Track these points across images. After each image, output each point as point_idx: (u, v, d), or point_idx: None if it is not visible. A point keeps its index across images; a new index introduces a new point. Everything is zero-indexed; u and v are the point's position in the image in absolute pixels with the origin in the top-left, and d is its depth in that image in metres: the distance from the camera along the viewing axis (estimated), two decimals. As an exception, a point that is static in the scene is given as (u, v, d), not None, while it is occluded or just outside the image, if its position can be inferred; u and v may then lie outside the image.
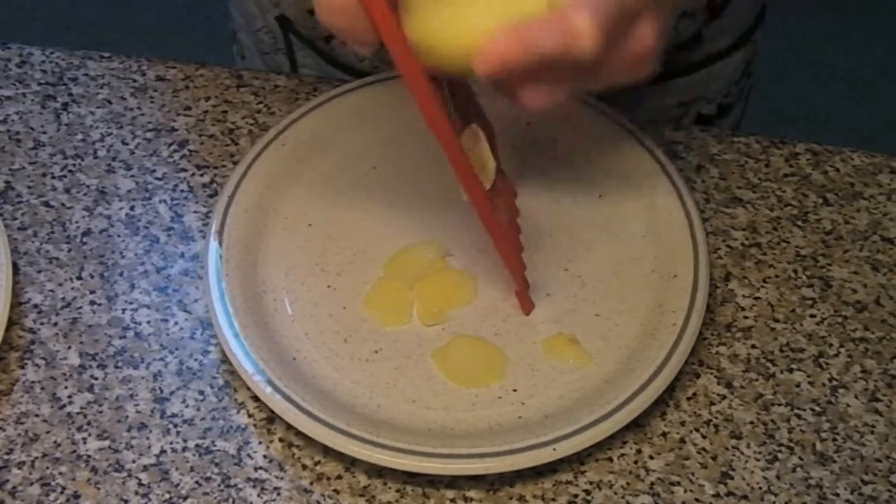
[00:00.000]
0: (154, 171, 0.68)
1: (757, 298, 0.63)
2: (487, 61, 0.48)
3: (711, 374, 0.60)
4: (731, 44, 0.79)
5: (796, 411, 0.59)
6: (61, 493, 0.55)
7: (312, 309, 0.61)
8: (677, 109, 0.80)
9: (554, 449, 0.54)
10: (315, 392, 0.57)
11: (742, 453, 0.57)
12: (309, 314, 0.61)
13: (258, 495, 0.55)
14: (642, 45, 0.51)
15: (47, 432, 0.57)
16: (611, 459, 0.57)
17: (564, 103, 0.52)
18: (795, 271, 0.64)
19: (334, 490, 0.55)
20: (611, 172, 0.66)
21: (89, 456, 0.56)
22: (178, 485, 0.55)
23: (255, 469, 0.56)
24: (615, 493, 0.55)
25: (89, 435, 0.57)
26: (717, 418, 0.58)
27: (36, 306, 0.62)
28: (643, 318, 0.60)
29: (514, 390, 0.58)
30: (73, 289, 0.63)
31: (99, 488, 0.55)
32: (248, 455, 0.57)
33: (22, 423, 0.57)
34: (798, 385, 0.60)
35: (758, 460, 0.57)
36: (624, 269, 0.63)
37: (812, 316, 0.63)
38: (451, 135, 0.53)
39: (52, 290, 0.63)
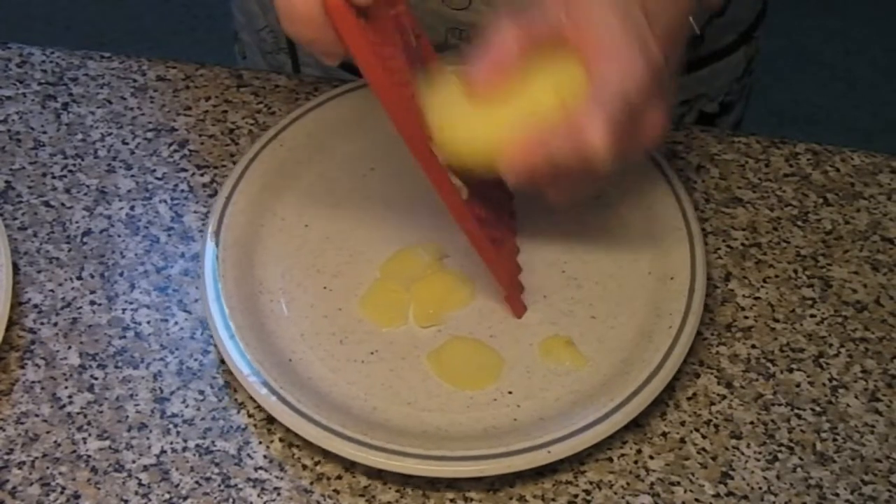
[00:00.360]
0: (154, 170, 0.68)
1: (757, 298, 0.63)
2: (514, 171, 0.53)
3: (711, 374, 0.60)
4: (732, 41, 0.79)
5: (796, 411, 0.59)
6: (61, 493, 0.55)
7: (308, 310, 0.61)
8: (680, 107, 0.80)
9: (549, 451, 0.54)
10: (311, 393, 0.57)
11: (742, 453, 0.57)
12: (305, 315, 0.61)
13: (258, 495, 0.55)
14: (653, 132, 0.54)
15: (47, 432, 0.57)
16: (611, 459, 0.57)
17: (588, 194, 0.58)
18: (795, 271, 0.64)
19: (334, 490, 0.55)
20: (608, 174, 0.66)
21: (89, 456, 0.56)
22: (178, 485, 0.55)
23: (255, 469, 0.56)
24: (615, 493, 0.55)
25: (89, 435, 0.57)
26: (717, 418, 0.58)
27: (36, 306, 0.62)
28: (640, 321, 0.60)
29: (510, 392, 0.58)
30: (73, 289, 0.63)
31: (99, 488, 0.55)
32: (248, 455, 0.57)
33: (22, 423, 0.57)
34: (798, 385, 0.60)
35: (758, 460, 0.57)
36: (620, 271, 0.63)
37: (812, 316, 0.62)
38: (422, 141, 0.54)
39: (52, 290, 0.63)
